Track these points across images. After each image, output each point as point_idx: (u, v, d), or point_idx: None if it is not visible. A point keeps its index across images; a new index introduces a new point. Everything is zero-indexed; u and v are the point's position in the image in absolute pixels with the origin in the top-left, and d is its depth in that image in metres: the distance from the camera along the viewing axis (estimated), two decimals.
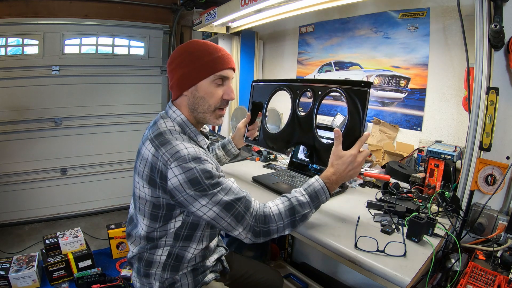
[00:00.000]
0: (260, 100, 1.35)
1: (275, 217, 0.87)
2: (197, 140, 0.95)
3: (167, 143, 0.83)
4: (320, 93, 1.11)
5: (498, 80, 1.00)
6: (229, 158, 1.39)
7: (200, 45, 0.93)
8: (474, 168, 1.03)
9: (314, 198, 0.89)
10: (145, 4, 2.90)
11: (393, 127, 1.60)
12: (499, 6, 0.95)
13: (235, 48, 2.31)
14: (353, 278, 1.80)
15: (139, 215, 0.93)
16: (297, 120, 1.19)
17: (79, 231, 2.14)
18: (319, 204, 0.91)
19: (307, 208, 0.88)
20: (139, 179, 0.88)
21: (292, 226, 0.88)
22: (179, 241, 0.92)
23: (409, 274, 0.74)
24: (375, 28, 1.65)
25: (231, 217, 0.82)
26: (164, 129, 0.88)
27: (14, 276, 1.83)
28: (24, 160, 2.72)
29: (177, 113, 0.93)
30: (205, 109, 0.93)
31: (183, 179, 0.79)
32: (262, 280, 1.23)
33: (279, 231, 0.87)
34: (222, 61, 0.92)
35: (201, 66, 0.90)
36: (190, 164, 0.79)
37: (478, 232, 1.04)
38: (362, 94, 0.95)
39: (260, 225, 0.85)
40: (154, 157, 0.83)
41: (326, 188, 0.90)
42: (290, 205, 0.88)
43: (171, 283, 0.95)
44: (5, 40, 2.53)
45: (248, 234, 0.85)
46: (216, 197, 0.81)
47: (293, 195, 0.91)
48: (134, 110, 2.97)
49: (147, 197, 0.87)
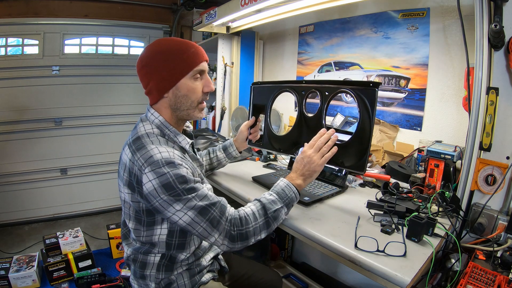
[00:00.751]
0: (262, 102, 1.35)
1: (250, 217, 0.88)
2: (177, 141, 0.95)
3: (142, 148, 0.83)
4: (327, 94, 1.12)
5: (498, 80, 1.00)
6: (230, 161, 1.40)
7: (170, 44, 0.90)
8: (474, 168, 1.03)
9: (282, 194, 0.93)
10: (145, 4, 2.91)
11: (393, 127, 1.60)
12: (499, 6, 0.94)
13: (235, 48, 2.30)
14: (353, 278, 1.80)
15: (126, 219, 0.95)
16: (304, 122, 1.19)
17: (79, 231, 2.15)
18: (289, 201, 0.94)
19: (277, 204, 0.91)
20: (121, 183, 0.89)
21: (267, 226, 0.90)
22: (171, 250, 0.93)
23: (409, 274, 0.74)
24: (375, 28, 1.65)
25: (207, 222, 0.82)
26: (142, 133, 0.89)
27: (14, 276, 1.83)
28: (24, 160, 2.73)
29: (155, 115, 0.93)
30: (188, 106, 0.93)
31: (157, 184, 0.79)
32: (261, 280, 1.23)
33: (255, 234, 0.88)
34: (197, 55, 0.91)
35: (179, 65, 0.89)
36: (164, 169, 0.79)
37: (478, 232, 1.04)
38: (371, 94, 0.98)
39: (236, 229, 0.85)
40: (131, 162, 0.83)
41: (291, 185, 0.95)
42: (260, 204, 0.91)
43: (167, 283, 0.95)
44: (5, 40, 2.54)
45: (225, 240, 0.85)
46: (191, 202, 0.81)
47: (262, 195, 0.94)
48: (134, 110, 2.97)
49: (129, 201, 0.88)
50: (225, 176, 1.44)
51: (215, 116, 2.43)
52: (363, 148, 1.02)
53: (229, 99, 2.38)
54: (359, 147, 1.03)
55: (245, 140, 1.36)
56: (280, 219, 0.93)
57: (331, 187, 1.27)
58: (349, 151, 1.02)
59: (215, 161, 1.36)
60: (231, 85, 2.36)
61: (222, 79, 2.32)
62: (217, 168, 1.40)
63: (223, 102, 2.37)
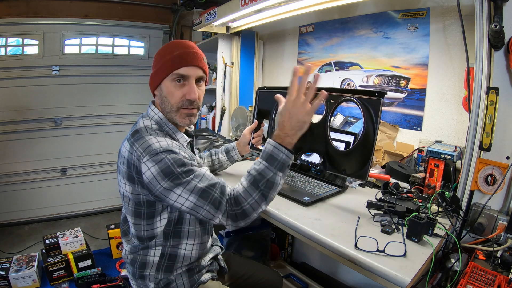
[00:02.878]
0: (267, 107, 1.35)
1: (243, 195, 0.84)
2: (175, 138, 0.95)
3: (141, 139, 0.84)
4: (332, 102, 1.13)
5: (498, 80, 1.00)
6: (231, 164, 1.41)
7: (169, 44, 0.95)
8: (474, 168, 1.02)
9: (270, 159, 0.84)
10: (145, 4, 2.91)
11: (393, 127, 1.60)
12: (499, 6, 0.94)
13: (235, 48, 2.31)
14: (353, 278, 1.80)
15: (126, 214, 0.95)
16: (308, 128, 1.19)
17: (79, 231, 2.15)
18: (281, 164, 0.84)
19: (269, 172, 0.83)
20: (120, 177, 0.90)
21: (264, 198, 0.84)
22: (169, 240, 0.93)
23: (409, 274, 0.74)
24: (375, 28, 1.65)
25: (209, 204, 0.82)
26: (141, 127, 0.90)
27: (14, 276, 1.83)
28: (24, 160, 2.73)
29: (155, 111, 0.95)
30: (169, 109, 0.93)
31: (156, 170, 0.80)
32: (261, 280, 1.23)
33: (254, 209, 0.84)
34: (180, 59, 0.89)
35: (162, 65, 0.91)
36: (161, 155, 0.80)
37: (478, 232, 1.04)
38: (376, 104, 1.00)
39: (234, 208, 0.84)
40: (129, 153, 0.84)
41: (279, 145, 0.84)
42: (251, 178, 0.85)
43: (166, 283, 0.95)
44: (5, 40, 2.54)
45: (228, 220, 0.84)
46: (190, 184, 0.81)
47: (252, 166, 0.87)
48: (134, 110, 2.97)
49: (129, 195, 0.89)
50: (225, 176, 1.44)
51: (215, 116, 2.43)
52: (366, 157, 1.03)
53: (229, 99, 2.38)
54: (362, 156, 1.04)
55: (248, 144, 1.36)
56: (277, 185, 0.85)
57: (331, 187, 1.27)
58: (352, 159, 1.03)
59: (216, 163, 1.37)
60: (231, 85, 2.36)
61: (222, 79, 2.32)
62: (218, 170, 1.41)
63: (223, 102, 2.37)
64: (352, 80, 1.78)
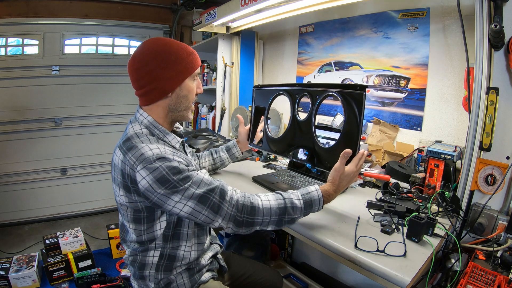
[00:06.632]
0: (263, 104, 1.38)
1: (264, 210, 0.86)
2: (167, 140, 0.95)
3: (133, 148, 0.84)
4: (317, 97, 1.13)
5: (498, 80, 1.00)
6: (232, 161, 1.42)
7: (176, 45, 0.93)
8: (474, 168, 1.03)
9: (308, 206, 0.90)
10: (145, 4, 2.91)
11: (393, 127, 1.60)
12: (499, 6, 0.94)
13: (235, 48, 2.30)
14: (353, 278, 1.80)
15: (125, 221, 0.95)
16: (297, 124, 1.21)
17: (79, 231, 2.15)
18: (309, 212, 0.92)
19: (298, 213, 0.89)
20: (116, 187, 0.90)
21: (277, 224, 0.88)
22: (168, 242, 0.93)
23: (409, 274, 0.74)
24: (375, 28, 1.65)
25: (208, 209, 0.82)
26: (131, 134, 0.89)
27: (14, 276, 1.83)
28: (24, 160, 2.73)
29: (144, 115, 0.95)
30: (185, 106, 0.97)
31: (151, 179, 0.79)
32: (261, 280, 1.23)
33: (263, 225, 0.87)
34: (198, 59, 0.98)
35: (186, 66, 0.92)
36: (155, 164, 0.80)
37: (478, 232, 1.04)
38: (358, 97, 0.98)
39: (244, 215, 0.85)
40: (122, 163, 0.84)
41: (322, 201, 0.91)
42: (283, 204, 0.88)
43: (167, 283, 0.95)
44: (5, 40, 2.54)
45: (229, 223, 0.85)
46: (188, 191, 0.81)
47: (289, 196, 0.90)
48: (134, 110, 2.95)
49: (126, 203, 0.88)
50: (225, 176, 1.44)
51: (215, 116, 2.43)
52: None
53: (229, 99, 2.38)
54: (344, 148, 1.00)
55: (246, 140, 1.39)
56: (293, 224, 0.92)
57: None
58: (336, 156, 0.97)
59: (218, 162, 1.38)
60: (231, 85, 2.36)
61: (222, 79, 2.32)
62: (219, 169, 1.42)
63: (223, 102, 2.37)
64: (352, 80, 1.78)
